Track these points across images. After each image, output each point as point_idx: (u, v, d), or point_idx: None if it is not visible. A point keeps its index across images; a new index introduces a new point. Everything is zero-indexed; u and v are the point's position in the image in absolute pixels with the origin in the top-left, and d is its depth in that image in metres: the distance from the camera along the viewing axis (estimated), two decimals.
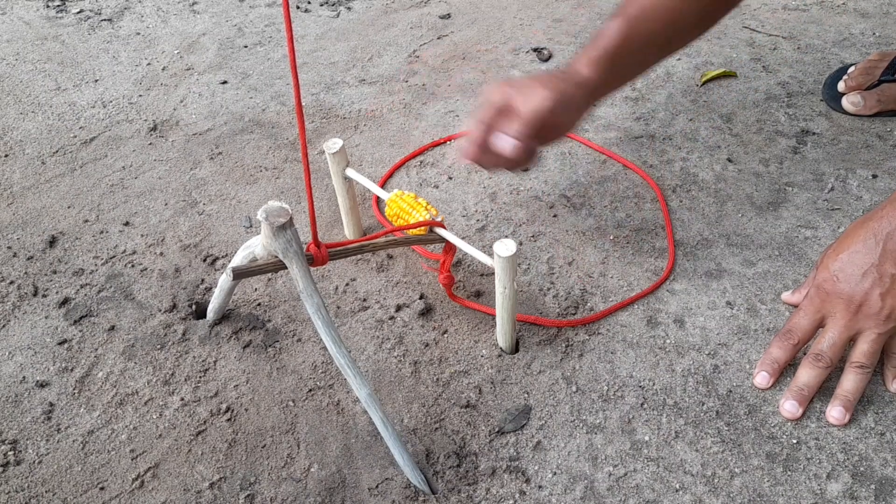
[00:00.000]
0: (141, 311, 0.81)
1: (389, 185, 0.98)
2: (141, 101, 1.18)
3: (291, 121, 1.12)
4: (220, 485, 0.64)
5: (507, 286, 0.66)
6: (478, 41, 1.31)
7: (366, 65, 1.26)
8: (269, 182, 0.99)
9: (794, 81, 1.12)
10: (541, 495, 0.62)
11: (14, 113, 1.16)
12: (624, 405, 0.69)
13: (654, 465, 0.64)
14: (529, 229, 0.89)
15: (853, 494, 0.61)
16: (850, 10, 1.31)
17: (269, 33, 1.38)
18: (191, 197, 0.97)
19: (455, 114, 1.11)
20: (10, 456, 0.67)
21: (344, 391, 0.71)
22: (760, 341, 0.74)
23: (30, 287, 0.84)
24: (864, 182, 0.92)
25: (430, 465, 0.65)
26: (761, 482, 0.62)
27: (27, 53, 1.33)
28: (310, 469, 0.65)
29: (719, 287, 0.80)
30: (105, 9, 1.49)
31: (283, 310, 0.80)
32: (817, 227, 0.86)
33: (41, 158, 1.06)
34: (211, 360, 0.75)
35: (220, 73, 1.25)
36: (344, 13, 1.45)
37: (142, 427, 0.69)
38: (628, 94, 1.12)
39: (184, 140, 1.09)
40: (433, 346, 0.75)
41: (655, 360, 0.73)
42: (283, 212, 0.58)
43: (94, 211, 0.95)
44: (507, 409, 0.69)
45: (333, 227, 0.91)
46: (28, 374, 0.74)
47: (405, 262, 0.85)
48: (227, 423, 0.69)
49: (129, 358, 0.76)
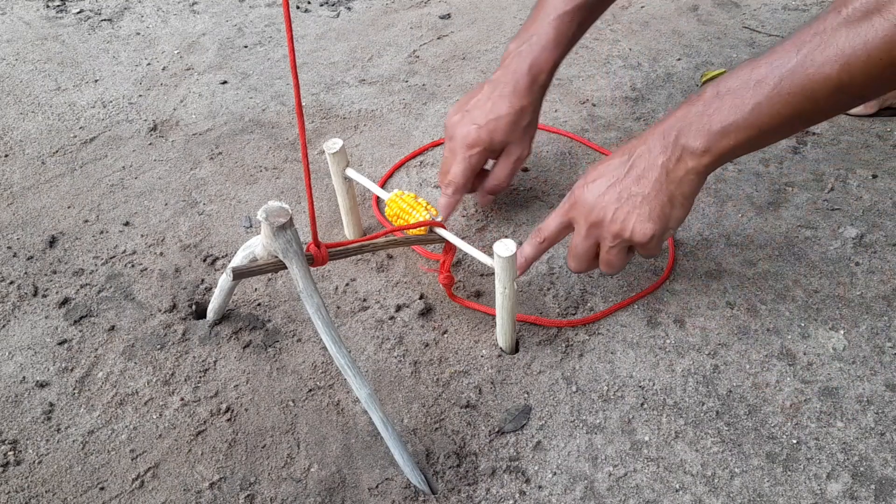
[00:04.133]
0: (141, 311, 0.81)
1: (389, 185, 0.98)
2: (141, 101, 1.18)
3: (291, 121, 1.12)
4: (220, 485, 0.64)
5: (507, 286, 0.66)
6: (478, 41, 1.31)
7: (366, 65, 1.26)
8: (269, 182, 0.99)
9: None
10: (541, 495, 0.62)
11: (14, 113, 1.16)
12: (624, 405, 0.69)
13: (654, 465, 0.64)
14: (529, 229, 0.89)
15: (853, 494, 0.61)
16: None
17: (269, 33, 1.38)
18: (191, 197, 0.97)
19: None
20: (10, 456, 0.67)
21: (344, 391, 0.71)
22: (760, 341, 0.74)
23: (30, 287, 0.84)
24: (864, 182, 0.92)
25: (430, 465, 0.65)
26: (761, 482, 0.62)
27: (27, 53, 1.33)
28: (310, 469, 0.65)
29: (719, 287, 0.80)
30: (105, 9, 1.49)
31: (283, 310, 0.80)
32: (817, 227, 0.86)
33: (41, 158, 1.06)
34: (211, 360, 0.75)
35: (220, 73, 1.25)
36: (344, 13, 1.45)
37: (142, 427, 0.69)
38: (628, 95, 1.12)
39: (184, 140, 1.09)
40: (433, 346, 0.75)
41: (655, 360, 0.73)
42: (283, 212, 0.58)
43: (94, 211, 0.95)
44: (507, 409, 0.69)
45: (333, 227, 0.91)
46: (28, 374, 0.74)
47: (405, 262, 0.85)
48: (227, 423, 0.69)
49: (129, 358, 0.76)
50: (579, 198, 0.68)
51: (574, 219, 0.69)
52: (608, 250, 0.68)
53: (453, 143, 0.82)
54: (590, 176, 0.68)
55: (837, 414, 0.67)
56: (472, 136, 0.80)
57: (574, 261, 0.71)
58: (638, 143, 0.66)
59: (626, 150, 0.67)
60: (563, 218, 0.70)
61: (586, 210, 0.67)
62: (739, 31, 1.27)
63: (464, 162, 0.81)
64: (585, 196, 0.67)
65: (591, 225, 0.67)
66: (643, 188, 0.64)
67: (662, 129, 0.64)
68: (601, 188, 0.66)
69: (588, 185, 0.67)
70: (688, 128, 0.61)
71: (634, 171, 0.65)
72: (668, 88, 1.13)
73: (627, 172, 0.65)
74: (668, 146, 0.63)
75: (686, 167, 0.63)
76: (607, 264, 0.69)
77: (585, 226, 0.67)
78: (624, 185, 0.65)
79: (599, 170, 0.68)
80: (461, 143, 0.80)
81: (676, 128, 0.62)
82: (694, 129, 0.61)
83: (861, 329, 0.74)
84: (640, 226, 0.64)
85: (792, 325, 0.75)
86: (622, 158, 0.66)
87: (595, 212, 0.66)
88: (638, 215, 0.64)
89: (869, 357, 0.72)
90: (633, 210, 0.64)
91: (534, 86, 0.79)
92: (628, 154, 0.66)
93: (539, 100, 0.81)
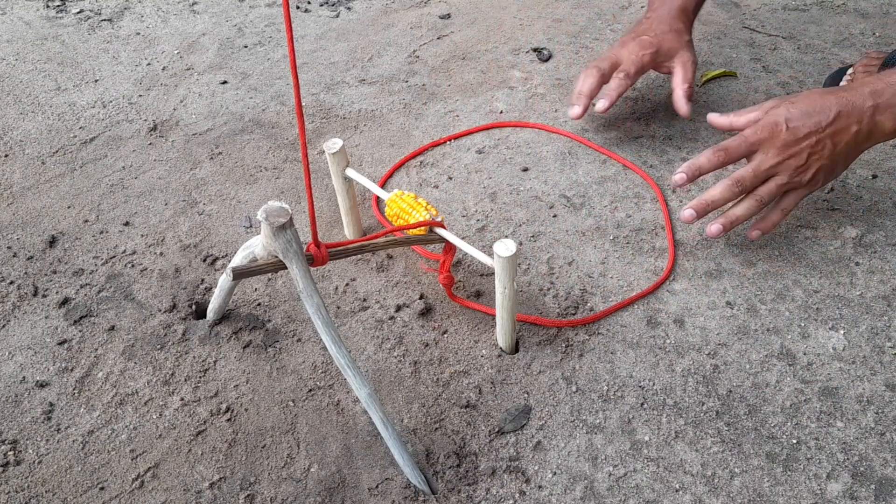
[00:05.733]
0: (141, 311, 0.81)
1: (389, 185, 0.98)
2: (141, 101, 1.18)
3: (291, 121, 1.12)
4: (220, 485, 0.64)
5: (507, 286, 0.66)
6: (478, 41, 1.31)
7: (366, 65, 1.26)
8: (269, 182, 0.99)
9: (794, 81, 1.12)
10: (541, 495, 0.62)
11: (14, 113, 1.16)
12: (624, 405, 0.69)
13: (654, 465, 0.64)
14: (529, 229, 0.89)
15: (853, 494, 0.61)
16: (850, 10, 1.31)
17: (269, 33, 1.38)
18: (191, 197, 0.97)
19: (455, 114, 1.11)
20: (10, 456, 0.67)
21: (344, 391, 0.71)
22: (760, 341, 0.74)
23: (30, 287, 0.84)
24: (864, 182, 0.92)
25: (430, 465, 0.65)
26: (761, 482, 0.62)
27: (27, 53, 1.33)
28: (310, 469, 0.65)
29: (719, 287, 0.80)
30: (105, 9, 1.49)
31: (283, 310, 0.80)
32: (817, 227, 0.86)
33: (41, 158, 1.06)
34: (211, 360, 0.75)
35: (220, 73, 1.25)
36: (344, 13, 1.45)
37: (142, 427, 0.69)
38: (628, 95, 1.12)
39: (184, 140, 1.09)
40: (433, 346, 0.75)
41: (655, 360, 0.73)
42: (283, 212, 0.58)
43: (94, 211, 0.96)
44: (507, 409, 0.69)
45: (333, 227, 0.91)
46: (28, 374, 0.74)
47: (405, 262, 0.85)
48: (227, 423, 0.69)
49: (129, 358, 0.76)
50: (775, 132, 0.72)
51: (763, 149, 0.73)
52: (783, 184, 0.72)
53: (623, 45, 0.92)
54: (787, 113, 0.72)
55: (837, 414, 0.67)
56: (646, 41, 0.90)
57: (738, 186, 0.73)
58: (845, 97, 0.70)
59: (835, 101, 0.71)
60: (753, 147, 0.73)
61: (780, 146, 0.71)
62: (739, 31, 1.27)
63: (635, 54, 0.91)
64: (783, 134, 0.71)
65: (785, 158, 0.71)
66: (835, 145, 0.70)
67: (864, 94, 0.70)
68: (805, 130, 0.71)
69: (787, 123, 0.71)
70: (886, 106, 0.68)
71: (833, 126, 0.70)
72: (668, 88, 1.13)
73: (829, 125, 0.70)
74: (863, 117, 0.69)
75: (872, 141, 0.71)
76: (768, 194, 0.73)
77: (775, 159, 0.72)
78: (822, 136, 0.70)
79: (799, 109, 0.72)
80: (634, 47, 0.90)
81: (874, 101, 0.69)
82: (890, 113, 0.68)
83: (861, 329, 0.74)
84: (820, 176, 0.72)
85: (792, 325, 0.75)
86: (828, 106, 0.71)
87: (791, 149, 0.71)
88: (823, 167, 0.71)
89: (869, 357, 0.72)
90: (821, 161, 0.71)
91: (684, 15, 0.92)
92: (837, 107, 0.70)
93: (690, 26, 0.93)
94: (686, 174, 0.74)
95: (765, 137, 0.72)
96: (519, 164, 0.99)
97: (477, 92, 1.16)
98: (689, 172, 0.74)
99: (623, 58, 0.93)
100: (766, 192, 0.73)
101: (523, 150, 1.02)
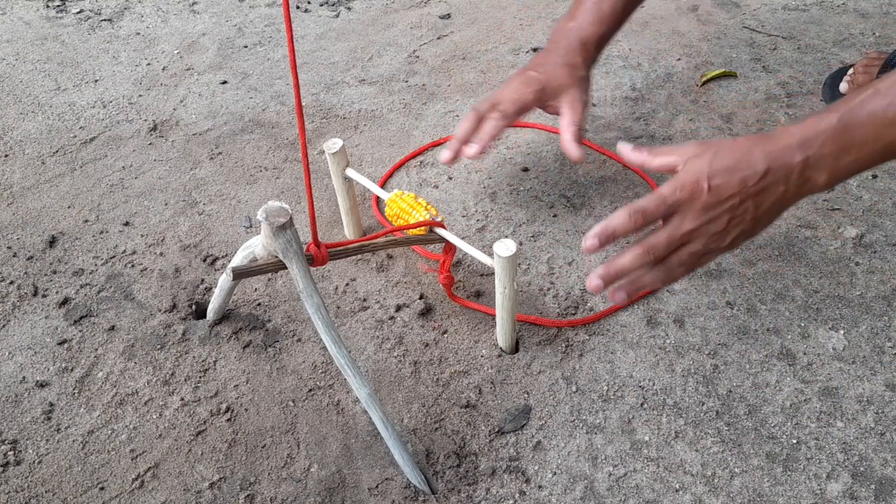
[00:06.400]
0: (141, 311, 0.81)
1: (389, 185, 0.98)
2: (141, 101, 1.18)
3: (291, 121, 1.12)
4: (220, 485, 0.64)
5: (507, 286, 0.66)
6: (478, 41, 1.31)
7: (366, 65, 1.26)
8: (269, 182, 0.99)
9: (794, 81, 1.12)
10: (541, 495, 0.62)
11: (14, 113, 1.16)
12: (624, 405, 0.69)
13: (654, 465, 0.64)
14: (529, 229, 0.89)
15: (853, 494, 0.61)
16: (850, 10, 1.31)
17: (269, 33, 1.38)
18: (191, 197, 0.97)
19: (455, 114, 1.11)
20: (10, 456, 0.67)
21: (344, 391, 0.71)
22: (760, 341, 0.74)
23: (30, 287, 0.84)
24: (864, 182, 0.92)
25: (430, 465, 0.65)
26: (761, 482, 0.62)
27: (27, 53, 1.33)
28: (310, 469, 0.65)
29: (719, 287, 0.80)
30: (105, 9, 1.49)
31: (283, 310, 0.80)
32: (817, 226, 0.86)
33: (41, 158, 1.06)
34: (211, 360, 0.75)
35: (220, 73, 1.25)
36: (344, 13, 1.45)
37: (142, 427, 0.69)
38: (628, 95, 1.12)
39: (184, 140, 1.09)
40: (433, 346, 0.75)
41: (655, 360, 0.73)
42: (283, 212, 0.58)
43: (94, 211, 0.95)
44: (507, 409, 0.69)
45: (333, 227, 0.91)
46: (28, 374, 0.74)
47: (405, 262, 0.85)
48: (227, 423, 0.69)
49: (129, 358, 0.76)
50: (696, 193, 0.63)
51: (682, 212, 0.64)
52: (690, 255, 0.64)
53: (509, 82, 0.83)
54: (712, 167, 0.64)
55: (837, 414, 0.67)
56: (532, 77, 0.82)
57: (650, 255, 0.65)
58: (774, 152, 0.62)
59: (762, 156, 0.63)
60: (672, 208, 0.64)
61: (700, 209, 0.63)
62: (739, 31, 1.27)
63: (517, 92, 0.81)
64: (705, 197, 0.63)
65: (703, 223, 0.63)
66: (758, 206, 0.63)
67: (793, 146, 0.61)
68: (728, 191, 0.63)
69: (710, 184, 0.63)
70: (817, 159, 0.60)
71: (759, 184, 0.62)
72: (668, 88, 1.13)
73: (755, 184, 0.62)
74: (791, 174, 0.62)
75: (800, 198, 0.63)
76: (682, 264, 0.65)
77: (693, 225, 0.63)
78: (745, 197, 0.62)
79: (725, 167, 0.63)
80: (518, 84, 0.82)
81: (803, 154, 0.61)
82: (822, 166, 0.60)
83: (861, 329, 0.74)
84: (739, 241, 0.64)
85: (792, 325, 0.75)
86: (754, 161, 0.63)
87: (711, 212, 0.63)
88: (744, 232, 0.63)
89: (869, 357, 0.72)
90: (742, 227, 0.63)
91: (583, 49, 0.83)
92: (765, 162, 0.62)
93: (590, 61, 0.84)
94: (598, 240, 0.64)
95: (684, 199, 0.64)
96: (519, 164, 0.99)
97: (477, 92, 1.16)
98: (602, 238, 0.64)
99: (504, 98, 0.83)
100: (677, 261, 0.65)
101: (523, 150, 1.02)
